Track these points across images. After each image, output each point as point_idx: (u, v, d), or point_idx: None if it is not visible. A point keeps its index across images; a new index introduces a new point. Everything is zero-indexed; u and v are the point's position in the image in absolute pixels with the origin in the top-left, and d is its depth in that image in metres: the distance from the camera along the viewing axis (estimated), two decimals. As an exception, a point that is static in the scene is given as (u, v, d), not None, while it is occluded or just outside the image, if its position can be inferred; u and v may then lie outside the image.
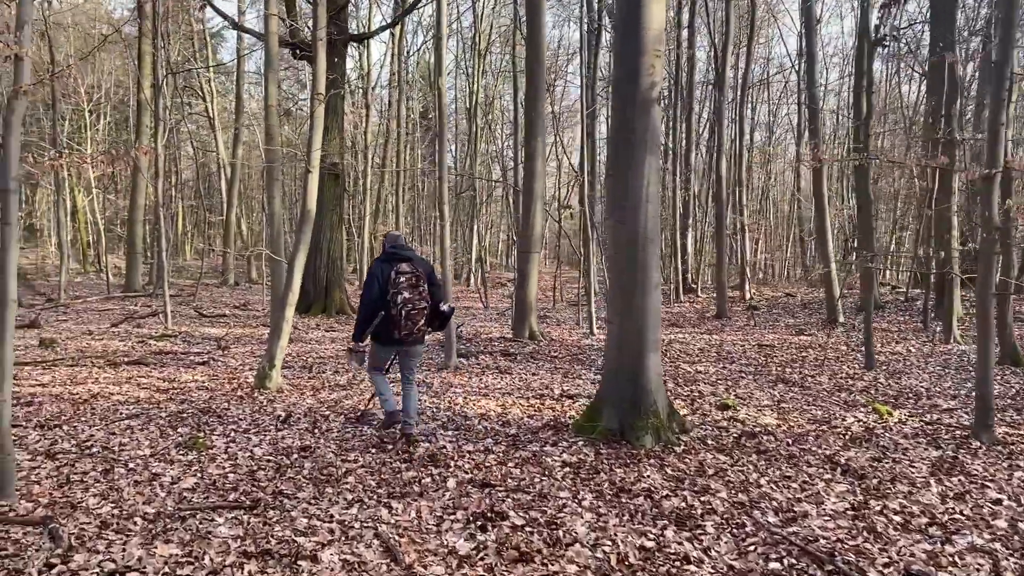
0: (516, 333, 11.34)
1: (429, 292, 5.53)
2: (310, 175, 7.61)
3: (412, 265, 5.45)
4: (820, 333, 13.14)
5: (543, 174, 11.14)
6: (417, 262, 5.53)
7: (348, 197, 29.00)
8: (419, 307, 5.41)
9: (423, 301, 5.45)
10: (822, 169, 14.23)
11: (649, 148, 5.58)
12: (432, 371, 8.99)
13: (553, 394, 7.57)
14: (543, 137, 11.07)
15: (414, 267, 5.45)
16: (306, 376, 8.91)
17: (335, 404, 7.08)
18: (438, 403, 7.15)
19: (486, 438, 5.85)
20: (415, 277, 5.42)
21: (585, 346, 11.13)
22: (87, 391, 7.71)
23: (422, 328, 5.54)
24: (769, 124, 34.07)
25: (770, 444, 5.71)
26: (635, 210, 5.57)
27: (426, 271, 5.55)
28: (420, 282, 5.44)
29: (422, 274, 5.48)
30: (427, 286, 5.51)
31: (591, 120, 16.04)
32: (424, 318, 5.51)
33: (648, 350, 5.64)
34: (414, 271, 5.43)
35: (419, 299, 5.42)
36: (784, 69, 34.92)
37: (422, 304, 5.43)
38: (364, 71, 27.54)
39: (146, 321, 15.00)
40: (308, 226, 7.76)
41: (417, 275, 5.44)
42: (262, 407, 6.95)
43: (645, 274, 5.60)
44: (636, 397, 5.61)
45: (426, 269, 5.56)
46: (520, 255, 11.21)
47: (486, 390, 7.83)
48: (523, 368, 9.29)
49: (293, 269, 7.63)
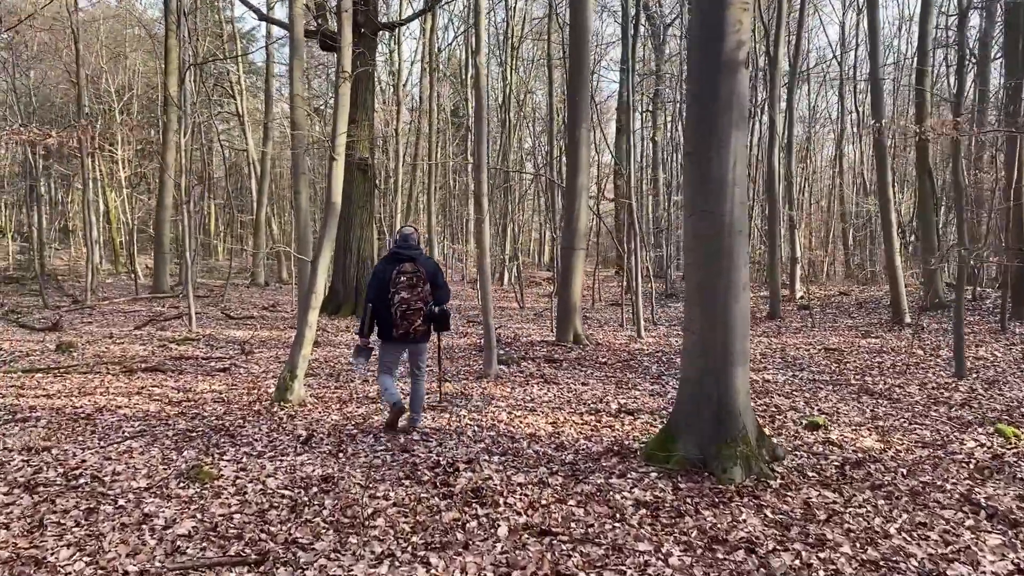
0: (559, 337, 10.38)
1: (432, 293, 5.55)
2: (335, 164, 6.74)
3: (415, 265, 5.48)
4: (888, 335, 11.99)
5: (588, 164, 10.17)
6: (421, 262, 5.53)
7: (379, 195, 28.30)
8: (415, 307, 5.42)
9: (419, 302, 5.45)
10: (885, 157, 13.03)
11: (735, 121, 4.60)
12: (471, 380, 8.08)
13: (610, 409, 6.60)
14: (587, 124, 10.11)
15: (416, 267, 5.48)
16: (332, 386, 8.06)
17: (363, 421, 6.20)
18: (480, 420, 6.23)
19: (539, 466, 4.92)
20: (416, 278, 5.44)
21: (635, 351, 10.14)
22: (92, 404, 6.93)
23: (419, 327, 5.52)
24: (808, 118, 32.63)
25: (882, 476, 4.69)
26: (719, 195, 4.59)
27: (429, 272, 5.55)
28: (420, 283, 5.46)
29: (423, 275, 5.49)
30: (429, 287, 5.52)
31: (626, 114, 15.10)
32: (421, 318, 5.50)
33: (735, 363, 4.66)
34: (415, 271, 5.46)
35: (416, 300, 5.43)
36: (824, 60, 33.50)
37: (418, 304, 5.44)
38: (395, 67, 26.78)
39: (171, 324, 14.31)
40: (333, 221, 6.89)
41: (418, 276, 5.46)
42: (281, 424, 6.09)
43: (732, 272, 4.62)
44: (721, 419, 4.64)
45: (429, 270, 5.56)
46: (563, 252, 10.25)
47: (532, 403, 6.90)
48: (570, 376, 8.34)
49: (317, 269, 6.77)
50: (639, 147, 30.69)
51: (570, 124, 10.19)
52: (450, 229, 35.96)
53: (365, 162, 15.41)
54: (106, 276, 26.78)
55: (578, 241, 10.09)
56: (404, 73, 28.37)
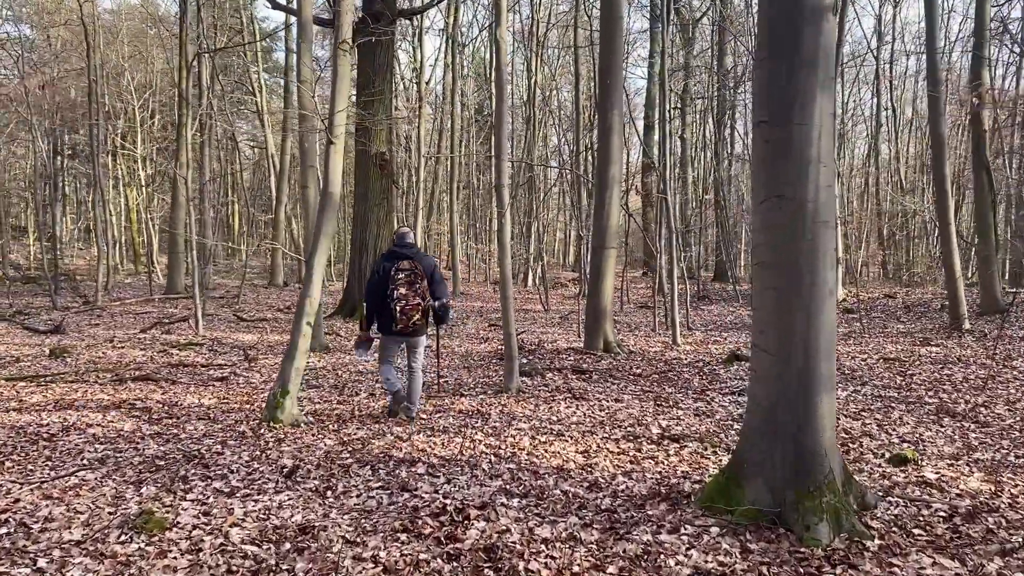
0: (588, 344, 9.36)
1: (429, 289, 5.70)
2: (332, 148, 5.80)
3: (412, 263, 5.66)
4: (948, 342, 10.81)
5: (620, 155, 9.15)
6: (418, 259, 5.72)
7: (400, 193, 27.45)
8: (412, 303, 5.57)
9: (417, 297, 5.60)
10: (943, 143, 11.80)
11: (821, 81, 3.58)
12: (489, 395, 7.10)
13: (650, 434, 5.58)
14: (620, 111, 9.09)
15: (414, 264, 5.66)
16: (335, 399, 7.13)
17: (362, 446, 5.24)
18: (498, 446, 5.25)
19: (569, 513, 3.92)
20: (413, 274, 5.62)
21: (672, 360, 9.09)
22: (61, 421, 6.07)
23: (418, 322, 5.67)
24: (839, 115, 31.14)
25: (1008, 534, 3.63)
26: (800, 176, 3.58)
27: (427, 268, 5.73)
28: (418, 279, 5.63)
29: (421, 272, 5.66)
30: (427, 283, 5.68)
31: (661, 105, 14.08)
32: (419, 312, 5.65)
33: (819, 389, 3.63)
34: (413, 268, 5.64)
35: (413, 295, 5.59)
36: (858, 56, 31.97)
37: (415, 300, 5.58)
38: (417, 64, 25.94)
39: (178, 326, 13.52)
40: (330, 215, 5.95)
41: (416, 273, 5.63)
42: (265, 450, 5.16)
43: (815, 274, 3.60)
44: (801, 460, 3.61)
45: (427, 266, 5.74)
46: (593, 251, 9.24)
47: (559, 425, 5.90)
48: (602, 391, 7.33)
49: (312, 269, 5.85)
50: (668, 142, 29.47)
51: (601, 110, 9.18)
52: (473, 229, 35.05)
53: (383, 157, 14.52)
54: (125, 276, 26.25)
55: (609, 239, 9.08)
56: (427, 70, 27.54)
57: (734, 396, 7.05)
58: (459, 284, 23.23)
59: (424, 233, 23.88)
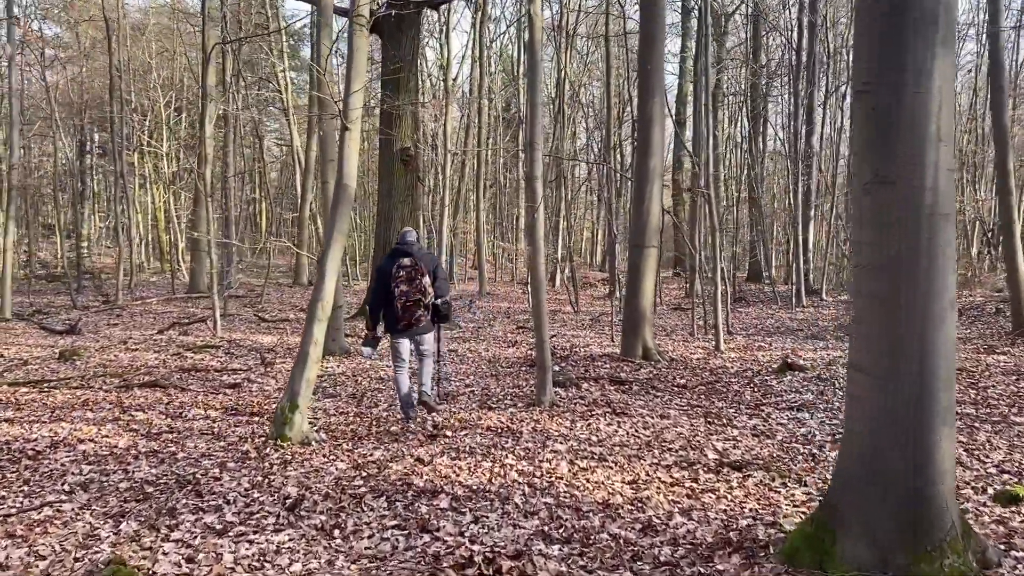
0: (625, 350, 8.63)
1: (432, 285, 5.70)
2: (348, 135, 5.16)
3: (412, 259, 5.66)
4: (1015, 350, 9.93)
5: (662, 147, 8.41)
6: (419, 256, 5.72)
7: (426, 190, 26.89)
8: (413, 299, 5.59)
9: (418, 293, 5.61)
10: (1006, 131, 10.81)
11: (943, 39, 2.84)
12: (520, 408, 6.41)
13: (706, 460, 4.86)
14: (661, 98, 8.35)
15: (414, 261, 5.65)
16: (351, 411, 6.51)
17: (377, 471, 4.59)
18: (532, 473, 4.56)
19: (620, 566, 3.23)
20: (413, 271, 5.62)
21: (718, 369, 8.33)
22: (51, 436, 5.51)
23: (420, 317, 5.69)
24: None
25: None
26: (913, 155, 2.85)
27: (428, 266, 5.73)
28: (418, 275, 5.62)
29: (422, 269, 5.65)
30: (428, 279, 5.67)
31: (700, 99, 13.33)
32: (422, 308, 5.67)
33: (937, 424, 2.90)
34: (413, 265, 5.63)
35: (414, 292, 5.60)
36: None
37: (416, 296, 5.60)
38: (443, 61, 25.33)
39: (196, 327, 13.03)
40: (344, 211, 5.31)
41: (416, 269, 5.63)
42: (268, 475, 4.52)
43: (933, 280, 2.86)
44: (915, 513, 2.89)
45: (428, 264, 5.74)
46: (631, 250, 8.50)
47: (600, 446, 5.20)
48: (644, 404, 6.61)
49: (325, 270, 5.21)
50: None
51: (641, 98, 8.45)
52: (500, 228, 34.44)
53: (407, 152, 13.90)
54: (151, 275, 25.99)
55: (649, 237, 8.34)
56: (453, 67, 26.94)
57: (793, 412, 6.30)
58: (485, 284, 22.59)
59: (450, 232, 23.28)
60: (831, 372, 7.95)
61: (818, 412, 6.30)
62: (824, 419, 6.06)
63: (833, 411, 6.32)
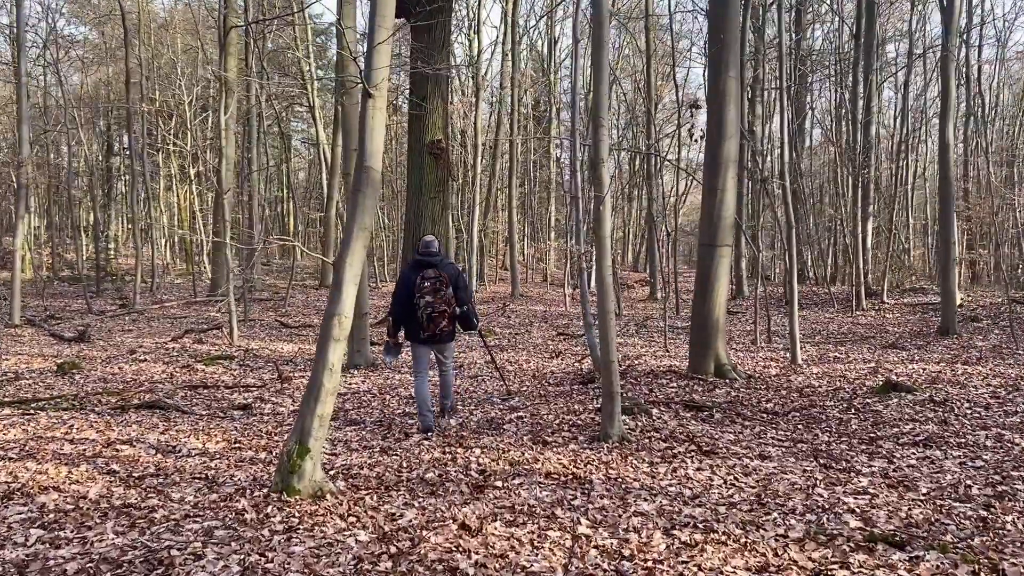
0: (694, 366, 7.34)
1: (455, 296, 5.60)
2: (370, 103, 3.97)
3: (436, 271, 5.57)
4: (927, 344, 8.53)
5: (738, 128, 7.09)
6: (443, 267, 5.63)
7: (456, 188, 25.76)
8: (439, 309, 5.52)
9: (443, 304, 5.53)
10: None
11: None
12: (583, 444, 5.18)
13: (848, 530, 3.57)
14: (737, 72, 7.05)
15: (438, 272, 5.57)
16: (377, 443, 5.34)
17: (411, 545, 3.39)
18: (617, 551, 3.33)
19: None
20: (438, 282, 5.54)
21: (805, 389, 7.01)
22: (9, 479, 4.41)
23: (445, 328, 5.61)
24: (906, 109, 27.89)
25: None
26: None
27: (451, 276, 5.62)
28: (442, 286, 5.55)
29: (446, 279, 5.57)
30: (452, 290, 5.57)
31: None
32: (446, 319, 5.59)
33: None
34: (438, 276, 5.55)
35: (440, 302, 5.51)
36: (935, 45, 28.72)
37: (442, 307, 5.53)
38: (475, 52, 24.18)
39: (213, 334, 11.98)
40: (366, 202, 4.12)
41: (441, 280, 5.55)
42: (266, 551, 3.35)
43: None
44: None
45: (451, 274, 5.64)
46: (702, 251, 7.19)
47: (698, 505, 3.95)
48: (734, 438, 5.33)
49: (342, 278, 4.04)
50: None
51: (712, 72, 7.16)
52: (530, 227, 33.25)
53: (438, 146, 12.72)
54: (176, 276, 25.15)
55: (723, 235, 7.06)
56: (483, 64, 25.79)
57: (920, 449, 5.01)
58: (518, 285, 21.39)
59: (480, 232, 22.08)
60: (944, 394, 6.61)
61: (951, 449, 5.01)
62: (964, 459, 4.77)
63: (970, 447, 5.02)
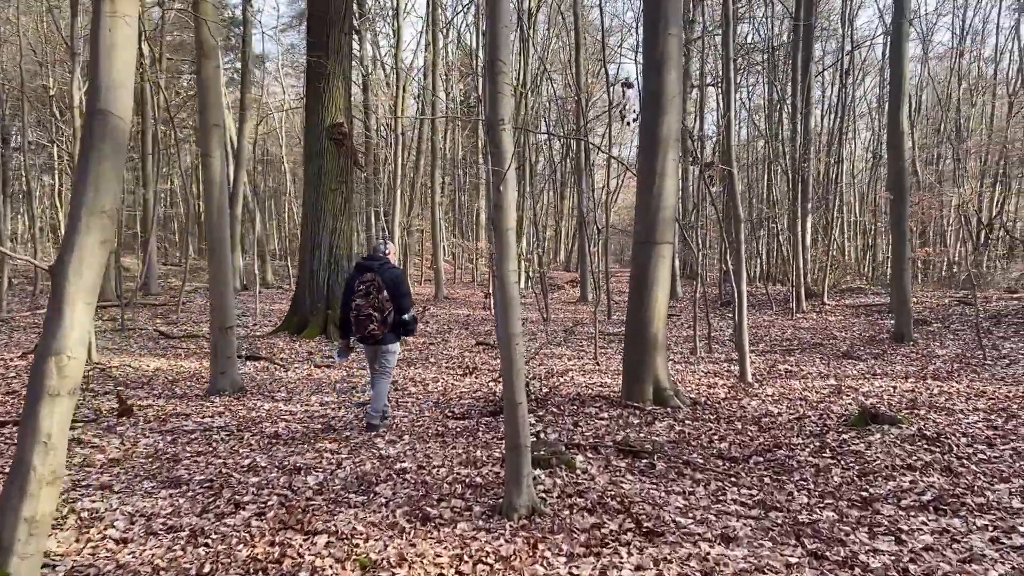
0: (630, 392, 5.87)
1: (392, 302, 5.58)
2: (106, 5, 2.37)
3: (373, 275, 5.59)
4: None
5: (680, 101, 5.69)
6: (381, 272, 5.59)
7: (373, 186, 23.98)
8: (366, 313, 5.53)
9: (370, 308, 5.53)
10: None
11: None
12: (477, 520, 3.66)
13: None
14: (679, 33, 5.64)
15: (374, 277, 5.58)
16: (188, 527, 3.68)
17: None
18: None
19: None
20: (372, 286, 5.56)
21: (762, 419, 5.67)
22: None
23: (375, 331, 5.57)
24: (838, 106, 27.61)
25: None
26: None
27: (387, 280, 5.60)
28: (375, 290, 5.55)
29: (379, 283, 5.57)
30: (386, 294, 5.56)
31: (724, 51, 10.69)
32: (375, 323, 5.55)
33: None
34: (372, 280, 5.57)
35: (367, 306, 5.53)
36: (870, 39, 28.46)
37: (368, 311, 5.53)
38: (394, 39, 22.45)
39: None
40: (100, 161, 2.51)
41: (374, 285, 5.56)
42: None
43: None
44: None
45: (388, 279, 5.61)
46: (638, 248, 5.70)
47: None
48: (684, 504, 3.89)
49: (64, 293, 2.41)
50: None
51: (649, 32, 5.72)
52: (459, 225, 31.69)
53: (339, 130, 11.05)
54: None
55: (662, 230, 5.64)
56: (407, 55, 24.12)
57: (930, 515, 3.70)
58: (442, 287, 19.79)
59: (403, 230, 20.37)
60: (935, 426, 5.36)
61: (972, 515, 3.72)
62: (995, 533, 3.48)
63: (995, 511, 3.74)
